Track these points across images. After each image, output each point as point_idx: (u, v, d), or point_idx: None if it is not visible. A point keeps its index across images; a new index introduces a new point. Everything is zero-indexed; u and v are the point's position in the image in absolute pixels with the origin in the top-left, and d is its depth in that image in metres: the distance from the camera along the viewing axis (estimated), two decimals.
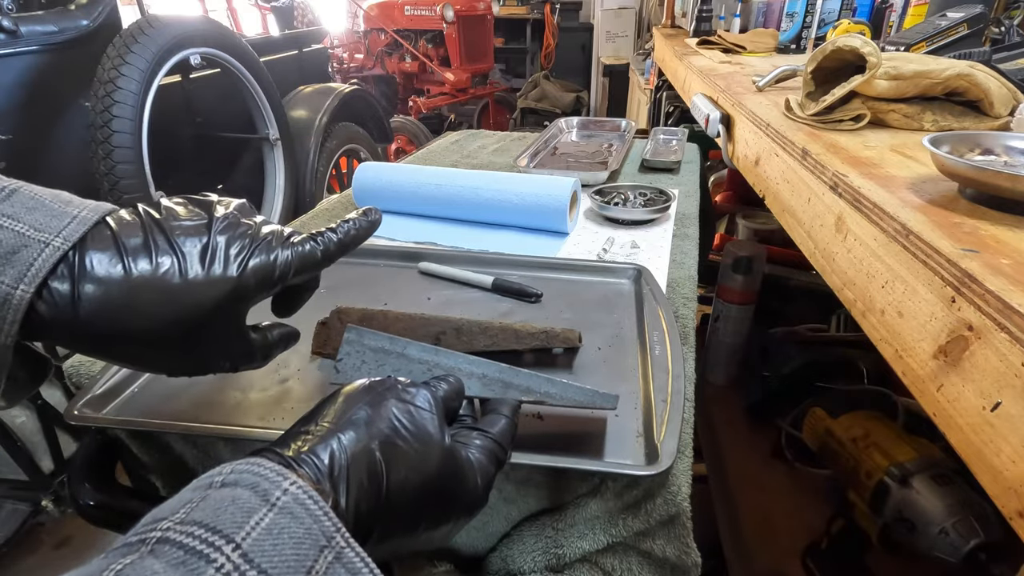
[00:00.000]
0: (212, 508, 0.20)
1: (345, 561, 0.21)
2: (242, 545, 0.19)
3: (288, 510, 0.21)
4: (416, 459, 0.27)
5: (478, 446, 0.32)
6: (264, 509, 0.21)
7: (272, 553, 0.20)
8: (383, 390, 0.30)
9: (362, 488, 0.25)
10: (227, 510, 0.20)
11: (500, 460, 0.33)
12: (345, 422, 0.27)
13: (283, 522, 0.21)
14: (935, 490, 0.62)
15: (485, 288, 0.64)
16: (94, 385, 0.47)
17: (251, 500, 0.21)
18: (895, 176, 0.47)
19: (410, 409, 0.29)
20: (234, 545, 0.19)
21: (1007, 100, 0.58)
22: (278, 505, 0.21)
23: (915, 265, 0.35)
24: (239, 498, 0.21)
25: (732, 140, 0.89)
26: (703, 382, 1.09)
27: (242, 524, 0.20)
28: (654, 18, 3.51)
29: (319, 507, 0.22)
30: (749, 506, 0.84)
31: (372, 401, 0.28)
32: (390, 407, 0.28)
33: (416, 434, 0.28)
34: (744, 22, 1.70)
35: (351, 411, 0.27)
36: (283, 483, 0.22)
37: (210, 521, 0.20)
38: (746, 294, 0.98)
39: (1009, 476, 0.26)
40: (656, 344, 0.52)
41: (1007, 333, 0.26)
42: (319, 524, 0.21)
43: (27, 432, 1.02)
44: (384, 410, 0.28)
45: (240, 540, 0.19)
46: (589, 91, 4.85)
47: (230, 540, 0.19)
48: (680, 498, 0.40)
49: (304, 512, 0.21)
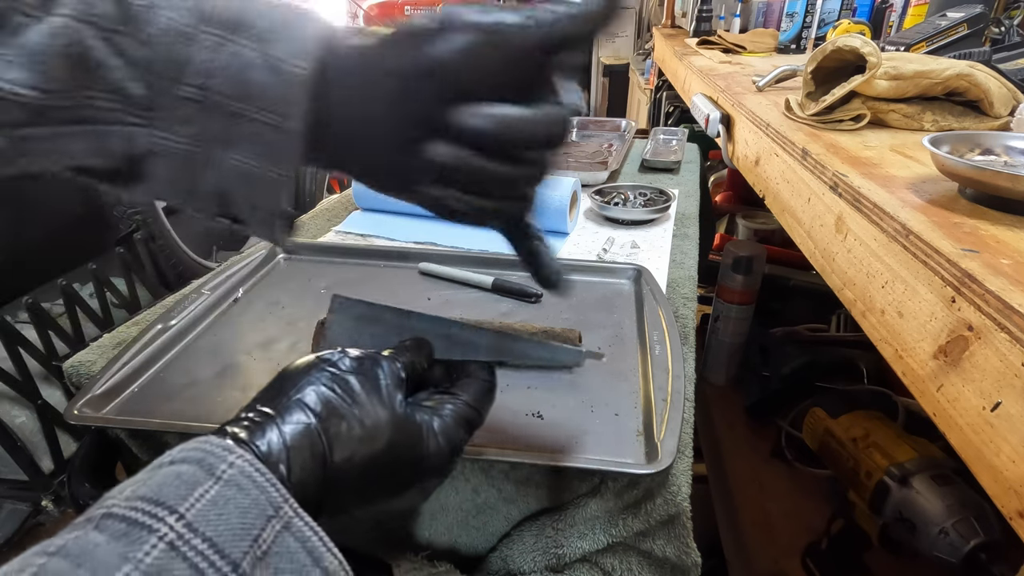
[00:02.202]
0: (157, 483, 0.21)
1: (294, 530, 0.21)
2: (186, 515, 0.20)
3: (234, 482, 0.21)
4: (362, 433, 0.27)
5: (447, 410, 0.31)
6: (210, 482, 0.21)
7: (217, 523, 0.20)
8: (326, 366, 0.29)
9: (306, 468, 0.25)
10: (171, 484, 0.21)
11: (471, 421, 0.32)
12: (286, 404, 0.26)
13: (229, 493, 0.21)
14: (935, 490, 0.62)
15: (485, 288, 0.64)
16: (94, 385, 0.47)
17: (196, 474, 0.21)
18: (895, 176, 0.47)
19: (356, 383, 0.28)
20: (178, 516, 0.19)
21: (1007, 100, 0.58)
22: (224, 478, 0.21)
23: (915, 265, 0.35)
24: (184, 473, 0.21)
25: (732, 140, 0.88)
26: (703, 382, 1.09)
27: (186, 496, 0.20)
28: (654, 18, 3.51)
29: (266, 479, 0.22)
30: (749, 506, 0.84)
31: (314, 379, 0.28)
32: (333, 384, 0.28)
33: (361, 408, 0.28)
34: (744, 22, 1.70)
35: (293, 391, 0.27)
36: (229, 456, 0.22)
37: (154, 495, 0.20)
38: (746, 294, 0.98)
39: (1009, 476, 0.26)
40: (656, 344, 0.52)
41: (1007, 333, 0.26)
42: (266, 494, 0.21)
43: (27, 432, 1.02)
44: (326, 386, 0.28)
45: (184, 511, 0.20)
46: (589, 91, 4.84)
47: (173, 511, 0.20)
48: (680, 498, 0.40)
49: (250, 483, 0.21)
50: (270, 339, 0.55)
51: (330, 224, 0.84)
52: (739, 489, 0.87)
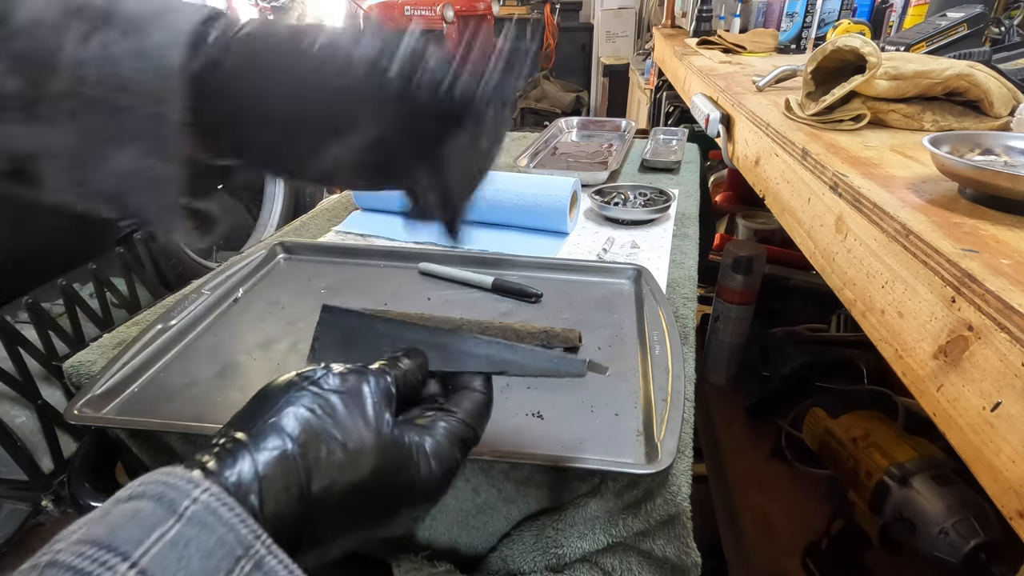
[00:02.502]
0: (110, 524, 0.19)
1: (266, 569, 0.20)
2: (140, 562, 0.18)
3: (198, 520, 0.20)
4: (344, 459, 0.25)
5: (439, 429, 0.29)
6: (170, 520, 0.19)
7: (175, 568, 0.18)
8: (307, 385, 0.27)
9: (281, 499, 0.23)
10: (125, 525, 0.19)
11: (466, 440, 0.30)
12: (261, 428, 0.24)
13: (191, 533, 0.19)
14: (935, 490, 0.62)
15: (485, 288, 0.64)
16: (94, 385, 0.47)
17: (155, 512, 0.19)
18: (895, 176, 0.47)
19: (338, 403, 0.26)
20: (130, 563, 0.18)
21: (1007, 100, 0.58)
22: (186, 515, 0.19)
23: (915, 265, 0.35)
24: (141, 511, 0.19)
25: (732, 140, 0.89)
26: (703, 382, 1.09)
27: (141, 539, 0.18)
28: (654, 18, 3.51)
29: (234, 514, 0.20)
30: (749, 506, 0.84)
31: (293, 399, 0.26)
32: (314, 405, 0.26)
33: (344, 431, 0.26)
34: (744, 22, 1.70)
35: (269, 414, 0.25)
36: (193, 492, 0.20)
37: (105, 538, 0.18)
38: (746, 294, 0.98)
39: (1009, 476, 0.26)
40: (656, 344, 0.52)
41: (1007, 333, 0.26)
42: (234, 532, 0.20)
43: (27, 432, 1.02)
44: (306, 409, 0.25)
45: (138, 557, 0.18)
46: (589, 91, 4.84)
47: (126, 557, 0.18)
48: (680, 498, 0.40)
49: (216, 520, 0.20)
50: (270, 339, 0.55)
51: (330, 224, 0.84)
52: (739, 489, 0.87)
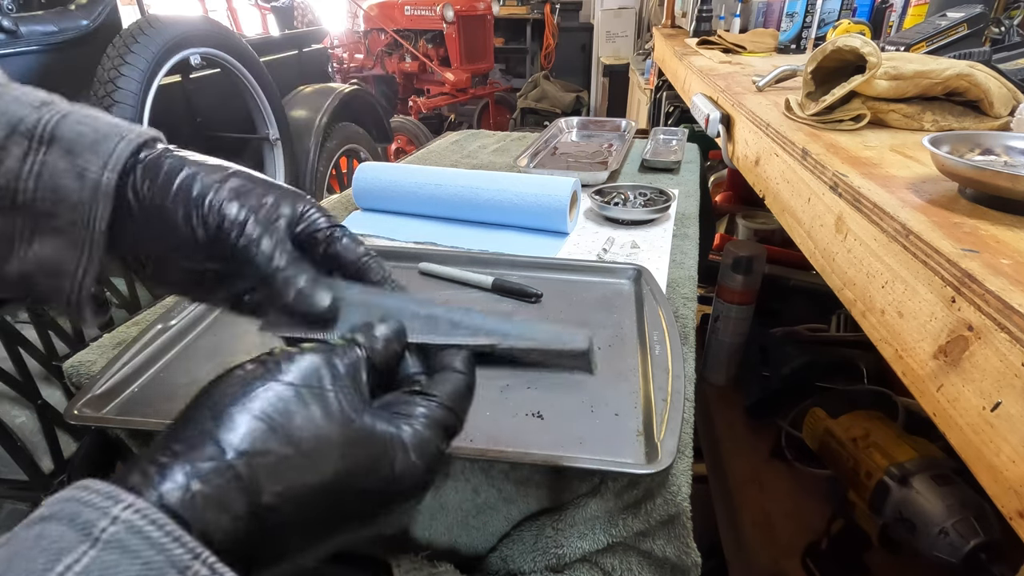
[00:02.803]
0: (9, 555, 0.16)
1: None
2: None
3: (117, 543, 0.17)
4: (303, 461, 0.22)
5: (418, 416, 0.26)
6: (83, 546, 0.16)
7: None
8: (253, 378, 0.23)
9: (225, 511, 0.20)
10: (27, 555, 0.16)
11: (449, 428, 0.27)
12: (200, 432, 0.21)
13: (110, 559, 0.16)
14: (935, 490, 0.62)
15: (485, 288, 0.64)
16: (94, 385, 0.47)
17: (65, 536, 0.17)
18: (895, 176, 0.47)
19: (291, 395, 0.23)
20: None
21: (1007, 100, 0.58)
22: (103, 539, 0.17)
23: (915, 265, 0.35)
24: (47, 536, 0.17)
25: (732, 140, 0.89)
26: (703, 382, 1.09)
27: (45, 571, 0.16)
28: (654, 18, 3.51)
29: (163, 532, 0.17)
30: (749, 506, 0.84)
31: (240, 395, 0.23)
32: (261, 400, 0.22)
33: (298, 429, 0.22)
34: (744, 22, 1.70)
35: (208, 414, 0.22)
36: (112, 509, 0.17)
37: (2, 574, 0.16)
38: (746, 294, 0.98)
39: (1009, 476, 0.26)
40: (656, 344, 0.52)
41: (1007, 333, 0.26)
42: (165, 554, 0.17)
43: (27, 432, 1.02)
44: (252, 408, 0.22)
45: None
46: (589, 91, 4.85)
47: None
48: (680, 498, 0.40)
49: (142, 542, 0.17)
50: (270, 339, 0.55)
51: None
52: (739, 489, 0.87)
